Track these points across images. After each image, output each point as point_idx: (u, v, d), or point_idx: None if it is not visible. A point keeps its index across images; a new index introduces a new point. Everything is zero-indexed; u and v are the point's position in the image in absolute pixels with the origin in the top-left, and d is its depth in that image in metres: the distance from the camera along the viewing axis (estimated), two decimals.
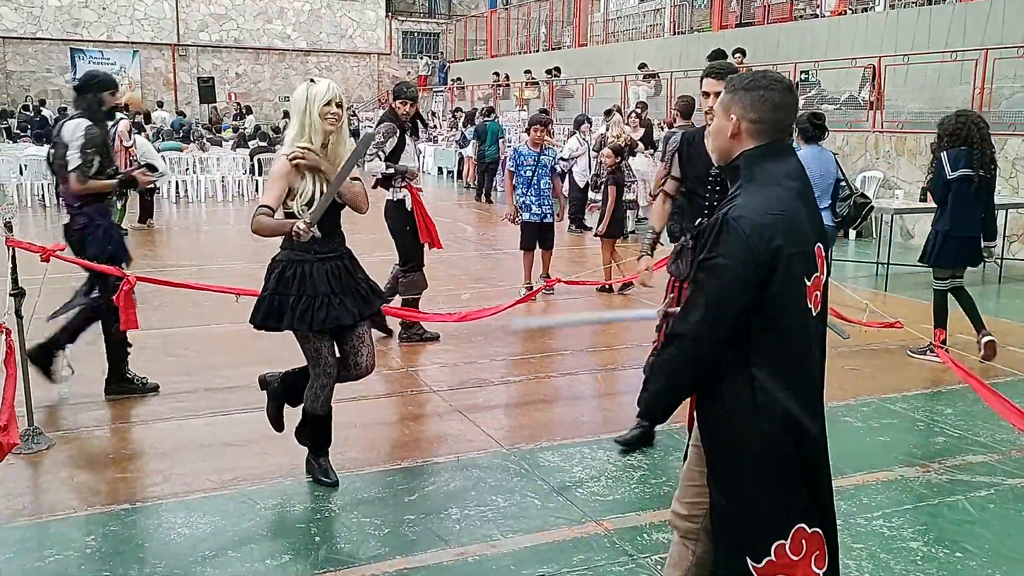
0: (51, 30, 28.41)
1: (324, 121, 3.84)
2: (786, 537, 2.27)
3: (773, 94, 2.31)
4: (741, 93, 2.33)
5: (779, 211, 2.21)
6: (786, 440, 2.27)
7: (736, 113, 2.33)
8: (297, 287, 3.88)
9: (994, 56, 11.49)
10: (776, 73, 2.45)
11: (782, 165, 2.31)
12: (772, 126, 2.31)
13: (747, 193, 2.27)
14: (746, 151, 2.33)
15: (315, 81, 3.94)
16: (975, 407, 5.25)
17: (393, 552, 3.52)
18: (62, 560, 3.43)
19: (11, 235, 4.43)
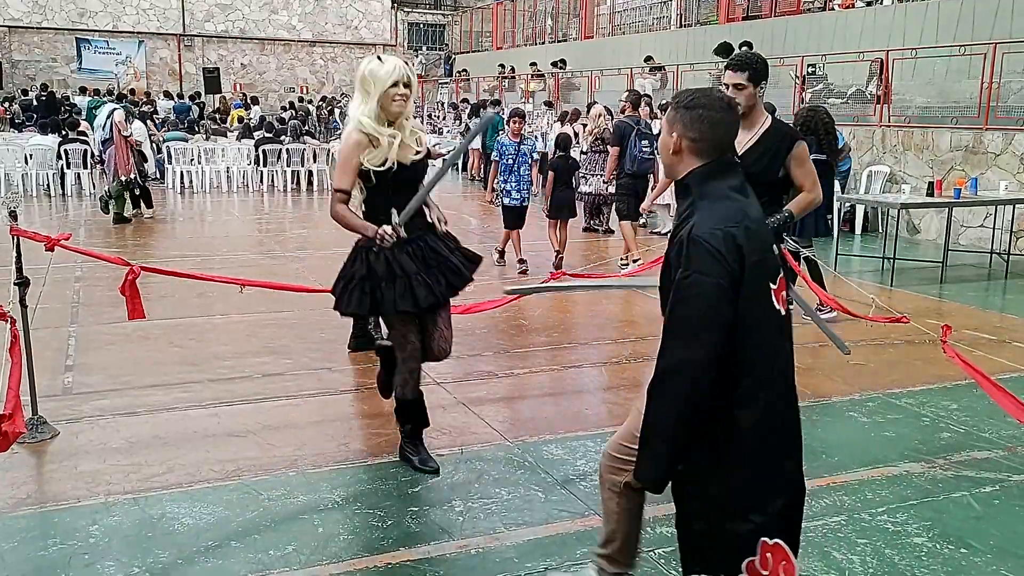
0: (57, 19, 28.45)
1: (392, 103, 3.76)
2: (755, 553, 2.35)
3: (712, 113, 2.38)
4: (682, 111, 2.40)
5: (735, 222, 2.30)
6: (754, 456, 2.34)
7: (677, 131, 2.41)
8: (387, 272, 3.84)
9: (1002, 50, 11.42)
10: (717, 91, 2.55)
11: (728, 180, 2.40)
12: (711, 144, 2.39)
13: (702, 210, 2.34)
14: (694, 170, 2.40)
15: (382, 60, 3.83)
16: (981, 403, 5.22)
17: (396, 544, 3.52)
18: (66, 549, 3.43)
19: (15, 224, 4.42)
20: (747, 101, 4.08)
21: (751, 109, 4.12)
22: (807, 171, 4.12)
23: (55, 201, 14.64)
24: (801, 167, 4.10)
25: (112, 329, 6.68)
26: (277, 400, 5.18)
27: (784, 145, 4.09)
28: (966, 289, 8.89)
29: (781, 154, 4.08)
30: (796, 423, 2.47)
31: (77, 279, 8.37)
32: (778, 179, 4.13)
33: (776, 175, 4.11)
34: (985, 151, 11.26)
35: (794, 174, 4.10)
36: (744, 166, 4.06)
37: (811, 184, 4.13)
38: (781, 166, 4.09)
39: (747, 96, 4.08)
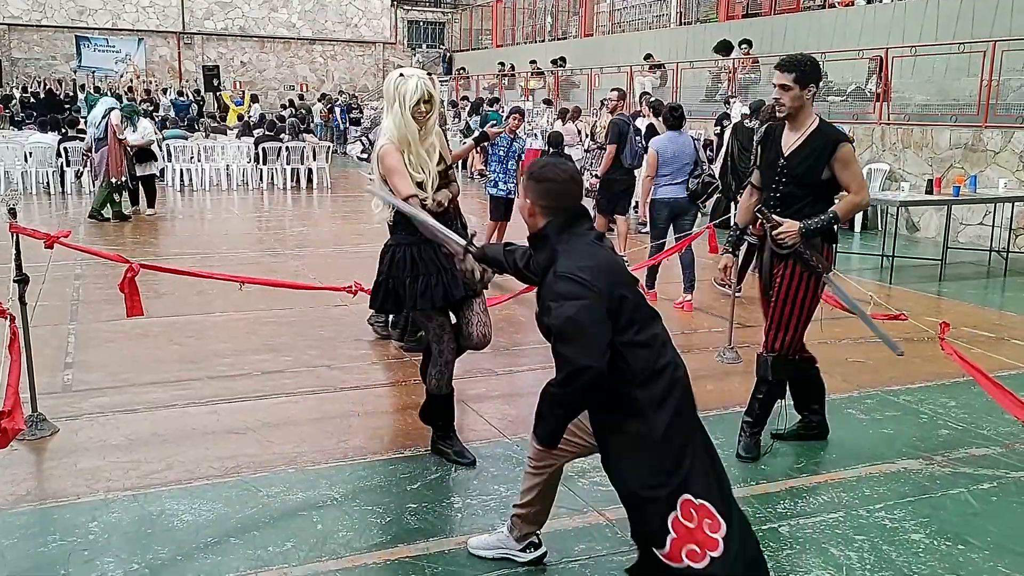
0: (56, 17, 28.41)
1: (419, 117, 3.95)
2: (676, 508, 2.67)
3: (557, 184, 2.84)
4: (533, 183, 2.87)
5: (597, 261, 2.75)
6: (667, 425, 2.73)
7: (530, 198, 2.87)
8: (410, 269, 4.01)
9: (1002, 48, 11.42)
10: (563, 163, 2.98)
11: (579, 227, 2.85)
12: (559, 206, 2.84)
13: (564, 255, 2.77)
14: (550, 222, 2.83)
15: (405, 76, 3.98)
16: (978, 400, 5.23)
17: (395, 540, 3.52)
18: (65, 546, 3.44)
19: (15, 221, 4.42)
20: (792, 102, 4.03)
21: (798, 111, 4.06)
22: (853, 173, 4.04)
23: (55, 199, 14.64)
24: (846, 169, 4.02)
25: (112, 326, 6.69)
26: (276, 397, 5.19)
27: (828, 147, 4.01)
28: (965, 287, 8.90)
29: (825, 156, 4.00)
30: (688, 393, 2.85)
31: (77, 277, 8.38)
32: (823, 181, 4.05)
33: (820, 177, 4.04)
34: (984, 149, 11.27)
35: (839, 176, 4.02)
36: (790, 167, 4.12)
37: (857, 186, 4.05)
38: (825, 168, 4.02)
39: (792, 97, 4.02)
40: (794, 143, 4.12)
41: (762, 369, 4.30)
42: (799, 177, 4.11)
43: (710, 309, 7.60)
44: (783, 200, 4.17)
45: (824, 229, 4.10)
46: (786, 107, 4.06)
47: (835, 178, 4.07)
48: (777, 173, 4.17)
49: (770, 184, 4.24)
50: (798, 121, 4.11)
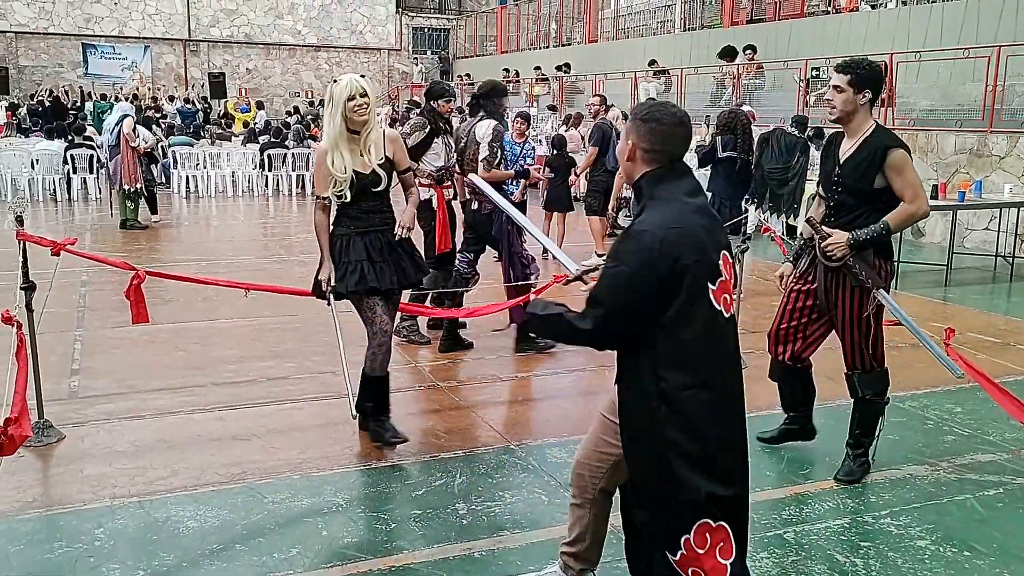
0: (63, 25, 28.54)
1: (353, 114, 4.20)
2: (690, 532, 2.52)
3: (664, 127, 2.57)
4: (638, 123, 2.61)
5: (677, 224, 2.47)
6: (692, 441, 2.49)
7: (632, 139, 2.61)
8: (338, 256, 4.37)
9: (1007, 53, 11.41)
10: (673, 106, 2.71)
11: (680, 185, 2.58)
12: (663, 154, 2.58)
13: (650, 209, 2.54)
14: (646, 173, 2.59)
15: (338, 80, 4.30)
16: (984, 406, 5.22)
17: (400, 547, 3.53)
18: (71, 552, 3.45)
19: (22, 228, 4.44)
20: (843, 105, 3.93)
21: (850, 115, 3.94)
22: (907, 181, 3.85)
23: (61, 206, 14.68)
24: (900, 176, 3.85)
25: (118, 333, 6.71)
26: (281, 404, 5.20)
27: (878, 154, 3.86)
28: (970, 292, 8.88)
29: (876, 163, 3.86)
30: (733, 418, 2.61)
31: (83, 283, 8.40)
32: (876, 190, 3.89)
33: (871, 185, 3.89)
34: (990, 154, 11.25)
35: (893, 185, 3.86)
36: (843, 176, 3.98)
37: (912, 195, 3.86)
38: (876, 175, 3.87)
39: (844, 100, 3.91)
40: (849, 150, 3.99)
41: (850, 388, 4.20)
42: (851, 186, 3.97)
43: None
44: (837, 209, 4.03)
45: (875, 241, 3.91)
46: (837, 109, 3.95)
47: (889, 187, 3.89)
48: (833, 183, 4.04)
49: (828, 193, 4.11)
50: (852, 127, 3.98)
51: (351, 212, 4.35)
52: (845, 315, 4.05)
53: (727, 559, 2.55)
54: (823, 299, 4.12)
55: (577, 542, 3.01)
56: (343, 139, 4.24)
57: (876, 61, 4.22)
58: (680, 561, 2.55)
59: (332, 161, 4.23)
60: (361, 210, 4.34)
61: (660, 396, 2.49)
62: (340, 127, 4.22)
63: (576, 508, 2.98)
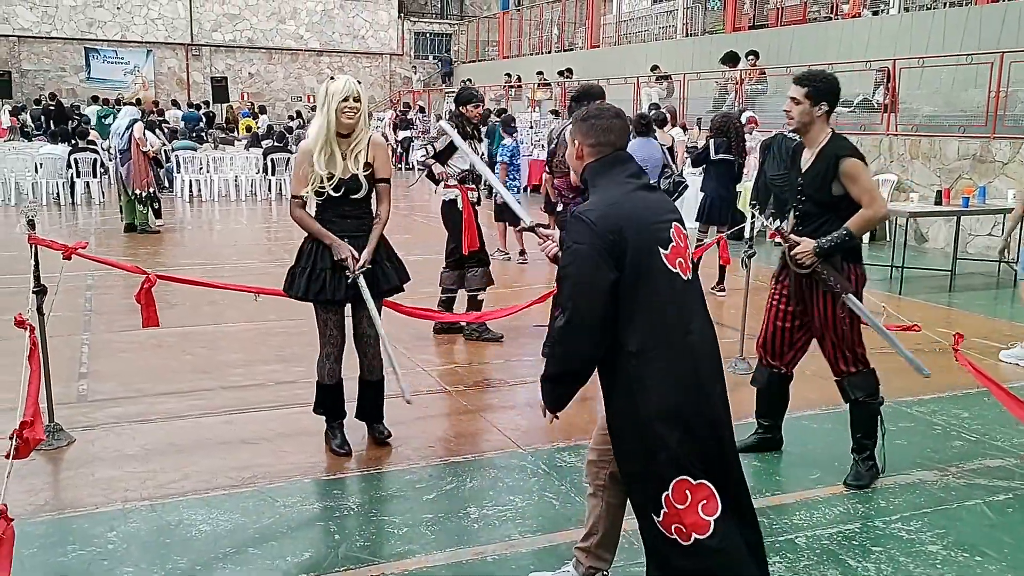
0: (66, 29, 28.60)
1: (343, 115, 4.14)
2: (668, 489, 2.62)
3: (603, 121, 2.81)
4: (580, 123, 2.83)
5: (615, 202, 2.67)
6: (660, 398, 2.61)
7: (579, 139, 2.82)
8: (305, 260, 4.33)
9: (1010, 59, 11.44)
10: (607, 105, 2.98)
11: (621, 170, 2.77)
12: (607, 145, 2.79)
13: (593, 195, 2.75)
14: (588, 164, 2.81)
15: (334, 79, 4.23)
16: (991, 411, 5.23)
17: (413, 551, 3.53)
18: (84, 556, 3.46)
19: (33, 232, 4.46)
20: (800, 117, 4.01)
21: (807, 126, 4.03)
22: (862, 187, 3.95)
23: (65, 210, 14.70)
24: (855, 183, 3.95)
25: (124, 337, 6.72)
26: (289, 408, 5.20)
27: (831, 163, 3.96)
28: (975, 297, 8.89)
29: (830, 172, 3.96)
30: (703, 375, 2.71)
31: (88, 287, 8.41)
32: (835, 198, 3.99)
33: (829, 194, 3.99)
34: (993, 160, 11.27)
35: (850, 192, 3.96)
36: (804, 185, 4.08)
37: (869, 200, 3.95)
38: (833, 183, 3.97)
39: (801, 112, 4.00)
40: (808, 160, 4.09)
41: (843, 394, 4.24)
42: (813, 195, 4.08)
43: (719, 320, 7.60)
44: (802, 219, 4.16)
45: (840, 247, 4.02)
46: (795, 120, 4.04)
47: (848, 194, 3.99)
48: (798, 192, 4.14)
49: (794, 203, 4.21)
50: (810, 137, 4.08)
51: (327, 216, 4.31)
52: (820, 319, 4.15)
53: (711, 515, 2.62)
54: (796, 303, 4.26)
55: (590, 535, 3.07)
56: (332, 139, 4.19)
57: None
58: (663, 520, 2.64)
59: (319, 160, 4.18)
60: (337, 215, 4.29)
61: (628, 358, 2.62)
62: (332, 125, 4.15)
63: (590, 498, 3.07)
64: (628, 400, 2.66)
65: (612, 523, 3.04)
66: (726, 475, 2.69)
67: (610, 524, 3.04)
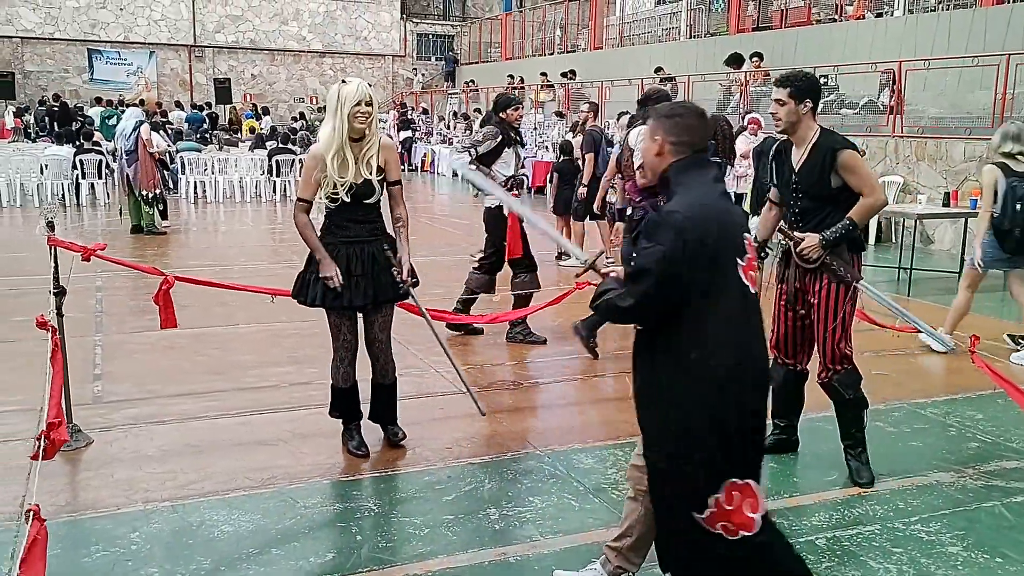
0: (69, 30, 28.64)
1: (355, 120, 4.12)
2: (719, 491, 2.65)
3: (688, 119, 2.78)
4: (663, 119, 2.80)
5: (703, 204, 2.65)
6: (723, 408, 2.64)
7: (660, 136, 2.79)
8: (316, 266, 4.28)
9: (1016, 61, 11.46)
10: (691, 103, 2.96)
11: (705, 172, 2.76)
12: (689, 145, 2.76)
13: (679, 194, 2.71)
14: (673, 163, 2.76)
15: (346, 82, 4.19)
16: (1006, 413, 5.25)
17: (435, 551, 3.55)
18: (109, 556, 3.47)
19: (52, 234, 4.47)
20: (787, 116, 4.10)
21: (795, 125, 4.12)
22: (861, 177, 4.07)
23: (70, 211, 14.72)
24: (853, 174, 4.06)
25: (137, 338, 6.74)
26: (305, 409, 5.21)
27: (828, 156, 4.05)
28: (983, 299, 8.87)
29: (828, 166, 4.06)
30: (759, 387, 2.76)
31: (98, 289, 8.43)
32: (834, 191, 4.09)
33: (828, 187, 4.09)
34: None
35: (850, 183, 4.06)
36: (800, 182, 4.14)
37: (869, 189, 4.07)
38: (832, 177, 4.07)
39: (787, 112, 4.09)
40: (801, 158, 4.17)
41: (834, 393, 4.28)
42: (810, 191, 4.15)
43: None
44: (802, 215, 4.22)
45: (845, 237, 4.11)
46: (782, 121, 4.13)
47: (847, 186, 4.10)
48: (792, 190, 4.22)
49: (788, 202, 4.30)
50: (799, 135, 4.17)
51: (339, 220, 4.28)
52: (820, 311, 4.20)
53: (755, 512, 2.68)
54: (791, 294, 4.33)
55: (624, 536, 3.11)
56: (346, 143, 4.15)
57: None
58: (708, 518, 2.67)
59: (332, 165, 4.14)
60: (349, 219, 4.27)
61: (689, 364, 2.62)
62: (346, 130, 4.12)
63: (630, 501, 3.10)
64: (682, 405, 2.67)
65: (648, 529, 3.05)
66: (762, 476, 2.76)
67: (646, 529, 3.05)
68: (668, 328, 2.66)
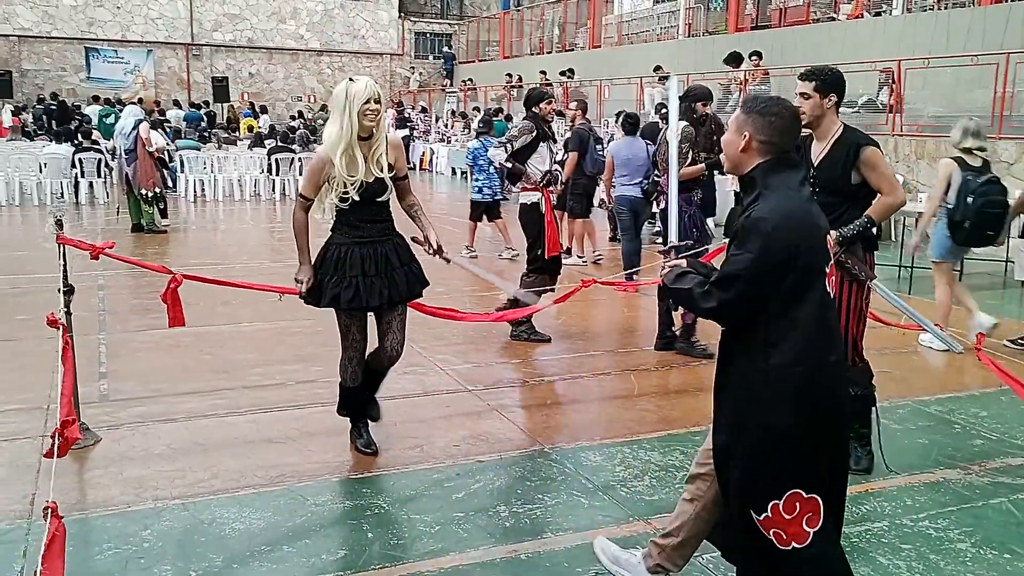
0: (66, 29, 28.59)
1: (364, 118, 4.09)
2: (780, 498, 2.63)
3: (784, 121, 2.70)
4: (755, 116, 2.70)
5: (792, 211, 2.60)
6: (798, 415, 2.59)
7: (749, 131, 2.70)
8: (333, 268, 4.26)
9: (1015, 60, 11.49)
10: (786, 101, 2.81)
11: (791, 174, 2.70)
12: (777, 146, 2.70)
13: (765, 199, 2.64)
14: (761, 164, 2.69)
15: (354, 80, 4.17)
16: (1010, 410, 5.27)
17: (447, 549, 3.56)
18: (121, 554, 3.48)
19: (62, 233, 4.47)
20: (811, 111, 4.10)
21: (819, 120, 4.13)
22: (882, 175, 4.09)
23: (69, 210, 14.69)
24: (874, 171, 4.07)
25: (141, 336, 6.74)
26: (312, 407, 5.21)
27: (851, 153, 4.06)
28: (982, 297, 8.89)
29: (850, 162, 4.06)
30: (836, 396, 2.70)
31: (100, 287, 8.41)
32: (853, 187, 4.11)
33: (849, 183, 4.10)
34: (998, 160, 11.29)
35: (869, 180, 4.08)
36: (819, 177, 4.13)
37: (888, 187, 4.10)
38: (852, 173, 4.08)
39: (812, 106, 4.09)
40: (821, 152, 4.17)
41: None
42: (829, 186, 4.14)
43: None
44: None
45: (861, 235, 4.12)
46: (806, 115, 4.11)
47: (866, 183, 4.10)
48: (810, 184, 4.16)
49: None
50: (822, 130, 4.17)
51: (351, 220, 4.23)
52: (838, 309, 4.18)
53: (813, 527, 2.65)
54: None
55: (670, 536, 3.10)
56: (354, 143, 4.11)
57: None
58: (764, 521, 2.66)
59: (341, 164, 4.09)
60: (361, 219, 4.23)
61: (771, 369, 2.59)
62: (355, 128, 4.08)
63: (684, 502, 3.08)
64: (759, 409, 2.64)
65: (696, 535, 3.05)
66: (838, 494, 2.74)
67: (694, 535, 3.05)
68: (748, 330, 2.64)
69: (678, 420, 5.09)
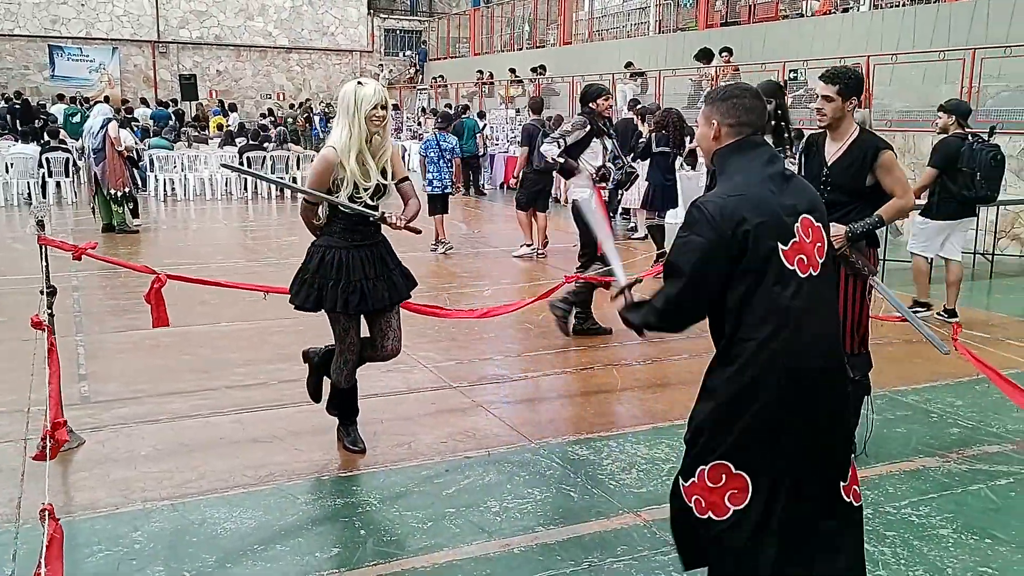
0: (29, 27, 28.14)
1: (371, 123, 4.07)
2: (707, 465, 2.59)
3: (745, 100, 2.68)
4: (717, 103, 2.70)
5: (739, 192, 2.54)
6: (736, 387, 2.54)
7: (716, 119, 2.69)
8: (336, 272, 4.19)
9: (981, 55, 11.70)
10: (744, 83, 2.84)
11: (754, 153, 2.64)
12: (747, 125, 2.66)
13: (719, 183, 2.64)
14: (718, 149, 2.68)
15: (363, 83, 4.13)
16: (984, 399, 5.39)
17: (440, 544, 3.58)
18: (112, 555, 3.46)
19: (43, 233, 4.42)
20: (833, 113, 4.17)
21: (839, 121, 4.20)
22: (896, 178, 4.18)
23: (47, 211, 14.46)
24: (889, 174, 4.17)
25: (119, 337, 6.68)
26: (297, 406, 5.19)
27: (869, 155, 4.15)
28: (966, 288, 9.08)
29: (867, 164, 4.16)
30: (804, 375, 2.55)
31: (75, 288, 8.30)
32: (866, 188, 4.20)
33: (863, 184, 4.19)
34: None
35: (883, 182, 4.17)
36: (834, 176, 4.21)
37: (902, 191, 4.19)
38: (867, 176, 4.17)
39: (833, 108, 4.16)
40: (836, 153, 4.26)
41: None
42: (843, 185, 4.24)
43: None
44: (829, 207, 4.27)
45: (870, 232, 4.24)
46: (827, 117, 4.20)
47: (879, 184, 4.21)
48: (822, 183, 4.27)
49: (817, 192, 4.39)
50: (839, 131, 4.26)
51: (350, 224, 4.20)
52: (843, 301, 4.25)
53: (735, 505, 2.55)
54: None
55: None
56: (365, 148, 4.09)
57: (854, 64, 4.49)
58: (688, 487, 2.63)
59: (353, 168, 4.05)
60: (357, 222, 4.20)
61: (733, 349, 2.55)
62: (364, 133, 4.06)
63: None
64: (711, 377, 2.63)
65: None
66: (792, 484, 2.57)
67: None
68: (714, 319, 2.62)
69: (663, 413, 5.15)
